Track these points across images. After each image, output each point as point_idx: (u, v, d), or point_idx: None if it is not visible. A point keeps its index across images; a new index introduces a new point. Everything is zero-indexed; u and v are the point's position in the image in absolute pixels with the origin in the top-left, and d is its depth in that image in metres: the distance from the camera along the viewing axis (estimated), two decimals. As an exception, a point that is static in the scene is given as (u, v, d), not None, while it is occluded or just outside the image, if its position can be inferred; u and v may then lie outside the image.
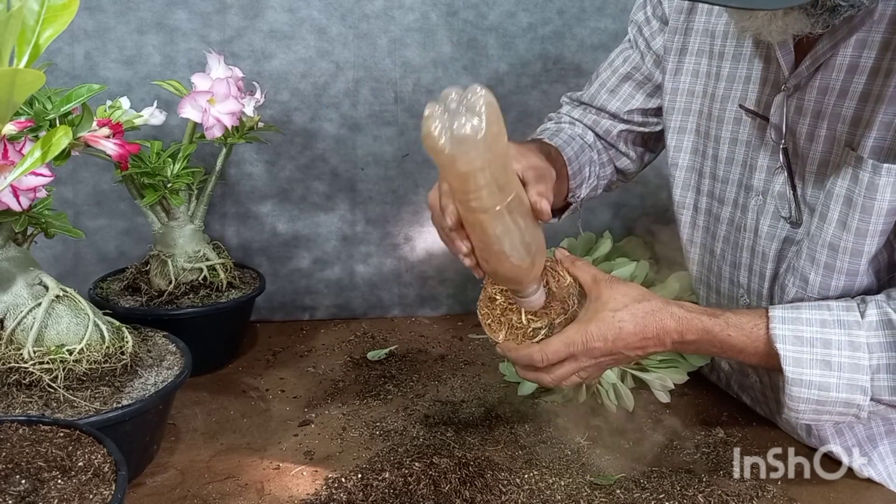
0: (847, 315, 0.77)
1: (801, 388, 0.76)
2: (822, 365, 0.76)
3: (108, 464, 0.66)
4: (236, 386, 1.11)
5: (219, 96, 1.04)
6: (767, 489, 0.86)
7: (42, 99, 0.85)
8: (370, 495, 0.81)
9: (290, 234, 1.36)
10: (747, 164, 0.90)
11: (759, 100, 0.88)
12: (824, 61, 0.79)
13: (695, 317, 0.80)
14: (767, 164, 0.87)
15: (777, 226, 0.87)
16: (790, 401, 0.78)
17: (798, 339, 0.77)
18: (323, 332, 1.32)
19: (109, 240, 1.29)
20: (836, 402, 0.76)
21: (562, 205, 1.03)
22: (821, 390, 0.76)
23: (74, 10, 0.53)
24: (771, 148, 0.86)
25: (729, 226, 0.94)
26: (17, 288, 0.85)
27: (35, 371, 0.81)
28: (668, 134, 1.00)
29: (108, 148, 0.85)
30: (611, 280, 0.82)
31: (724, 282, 0.96)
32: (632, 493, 0.84)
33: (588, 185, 1.04)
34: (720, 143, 0.93)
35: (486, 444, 0.94)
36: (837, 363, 0.76)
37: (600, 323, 0.79)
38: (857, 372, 0.75)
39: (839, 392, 0.76)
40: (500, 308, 0.83)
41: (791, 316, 0.78)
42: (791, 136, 0.83)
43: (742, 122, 0.90)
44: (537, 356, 0.80)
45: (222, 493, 0.84)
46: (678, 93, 0.98)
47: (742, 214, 0.91)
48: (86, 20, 1.20)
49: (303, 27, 1.27)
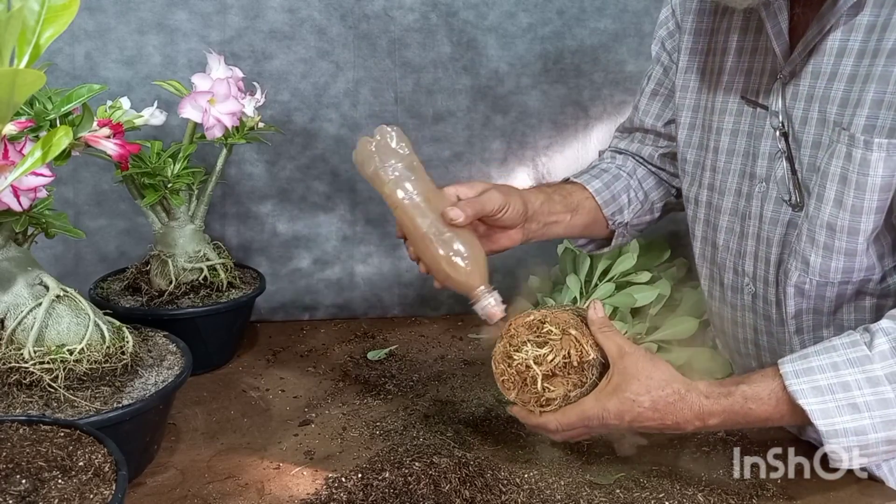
0: (854, 352, 0.76)
1: (838, 440, 0.74)
2: (850, 409, 0.74)
3: (108, 463, 0.66)
4: (236, 386, 1.11)
5: (219, 96, 1.04)
6: (767, 489, 0.86)
7: (42, 99, 0.86)
8: (370, 495, 0.81)
9: (290, 234, 1.36)
10: (749, 154, 0.91)
11: (758, 90, 0.90)
12: (815, 46, 0.82)
13: (714, 402, 0.79)
14: (769, 150, 0.89)
15: (780, 210, 0.88)
16: (833, 454, 0.76)
17: (816, 389, 0.75)
18: (323, 332, 1.32)
19: (110, 240, 1.29)
20: (877, 442, 0.74)
21: (606, 234, 1.08)
22: (858, 435, 0.74)
23: (75, 10, 0.53)
24: (771, 135, 0.88)
25: (732, 216, 0.95)
26: (17, 288, 0.85)
27: (35, 371, 0.81)
28: (678, 130, 1.02)
29: (108, 148, 0.85)
30: (637, 356, 0.81)
31: (728, 272, 0.97)
32: (631, 493, 0.84)
33: (631, 210, 1.07)
34: (721, 134, 0.95)
35: (485, 444, 0.94)
36: (864, 403, 0.74)
37: (619, 404, 0.80)
38: (887, 407, 0.74)
39: (877, 432, 0.74)
40: (516, 368, 0.83)
41: (802, 368, 0.77)
42: (788, 121, 0.86)
43: (743, 113, 0.92)
44: (552, 426, 0.82)
45: (222, 493, 0.84)
46: (686, 90, 1.00)
47: (746, 203, 0.92)
48: (86, 20, 1.20)
49: (303, 27, 1.27)
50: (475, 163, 1.37)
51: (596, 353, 0.82)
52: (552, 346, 0.82)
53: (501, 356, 0.84)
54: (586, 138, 1.41)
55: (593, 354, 0.82)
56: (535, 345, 0.83)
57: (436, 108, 1.34)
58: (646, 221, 1.11)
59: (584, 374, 0.82)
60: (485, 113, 1.35)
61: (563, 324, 0.83)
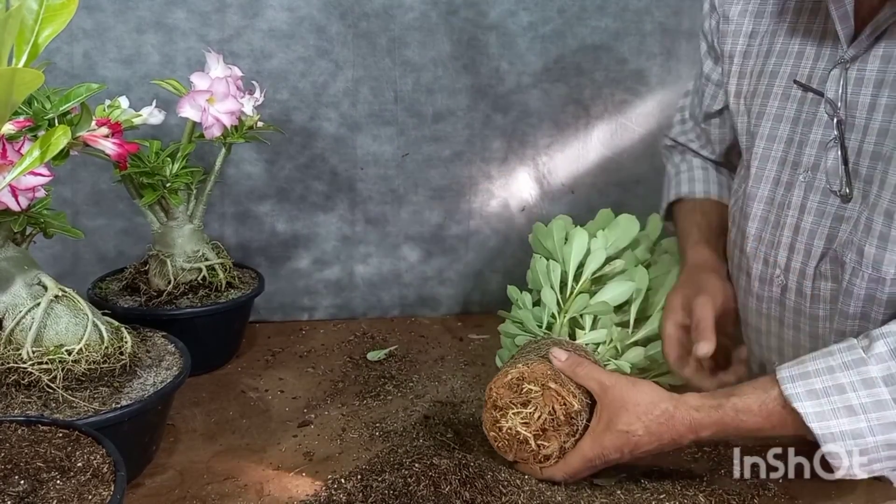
0: (850, 355, 0.75)
1: (835, 444, 0.74)
2: (846, 412, 0.73)
3: (107, 464, 0.66)
4: (235, 386, 1.11)
5: (218, 95, 1.04)
6: (768, 488, 0.86)
7: (41, 98, 0.85)
8: (370, 496, 0.80)
9: (289, 233, 1.35)
10: (794, 141, 0.89)
11: (811, 75, 0.87)
12: (887, 28, 0.79)
13: (704, 415, 0.79)
14: (820, 138, 0.86)
15: (827, 202, 0.85)
16: (832, 460, 0.75)
17: (811, 392, 0.75)
18: (322, 332, 1.32)
19: (108, 240, 1.29)
20: (877, 446, 0.73)
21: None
22: (856, 438, 0.73)
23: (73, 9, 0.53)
24: (825, 123, 0.85)
25: (768, 205, 0.93)
26: (15, 288, 0.84)
27: (34, 371, 0.81)
28: (733, 119, 1.01)
29: (106, 147, 0.85)
30: (619, 387, 0.82)
31: (758, 262, 0.94)
32: (632, 494, 0.84)
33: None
34: (763, 119, 0.93)
35: (486, 445, 0.94)
36: (860, 406, 0.73)
37: (615, 439, 0.82)
38: (883, 409, 0.73)
39: (874, 436, 0.73)
40: (506, 433, 0.86)
41: (798, 372, 0.76)
42: (847, 108, 0.82)
43: (790, 98, 0.90)
44: (559, 477, 0.85)
45: (221, 494, 0.84)
46: (733, 76, 0.98)
47: (785, 192, 0.90)
48: (84, 19, 1.20)
49: (302, 26, 1.27)
50: (476, 162, 1.37)
51: (580, 398, 0.85)
52: (535, 405, 0.85)
53: (490, 423, 0.88)
54: (587, 137, 1.41)
55: (577, 404, 0.84)
56: (520, 404, 0.85)
57: (436, 107, 1.33)
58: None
59: (573, 424, 0.85)
60: (485, 112, 1.35)
61: (542, 378, 0.85)
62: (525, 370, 0.86)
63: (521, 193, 1.41)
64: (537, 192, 1.42)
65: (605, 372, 0.85)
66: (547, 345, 0.93)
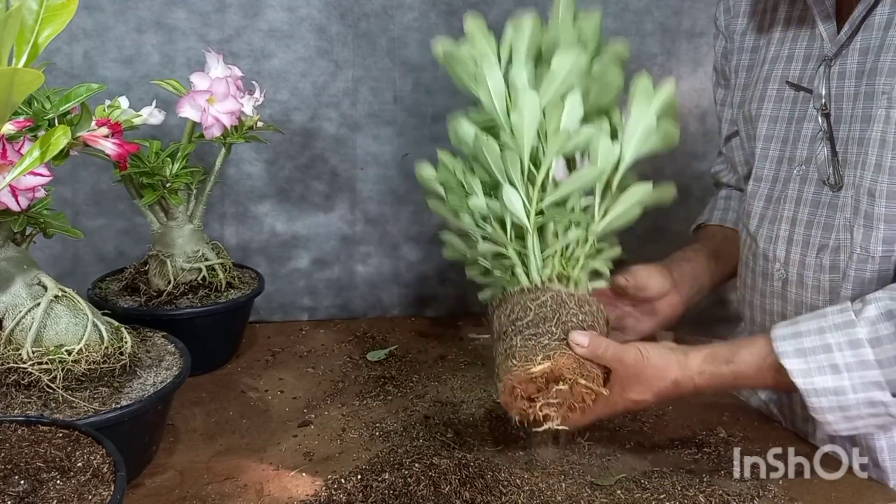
0: (841, 317, 0.79)
1: (818, 399, 0.78)
2: (830, 370, 0.77)
3: (107, 464, 0.66)
4: (235, 386, 1.11)
5: (218, 95, 1.04)
6: (768, 489, 0.86)
7: (41, 98, 0.85)
8: (370, 496, 0.80)
9: (289, 233, 1.35)
10: (789, 139, 0.93)
11: (801, 75, 0.92)
12: (863, 23, 0.83)
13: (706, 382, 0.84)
14: (811, 133, 0.90)
15: (821, 192, 0.89)
16: (816, 415, 0.79)
17: (800, 350, 0.79)
18: (322, 332, 1.32)
19: (108, 240, 1.29)
20: (858, 403, 0.77)
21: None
22: (837, 395, 0.77)
23: (73, 9, 0.53)
24: (814, 118, 0.90)
25: (766, 202, 0.96)
26: (15, 288, 0.84)
27: (34, 371, 0.81)
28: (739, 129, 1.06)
29: (106, 147, 0.85)
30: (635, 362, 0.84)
31: (759, 259, 0.98)
32: (632, 494, 0.84)
33: None
34: (759, 121, 0.97)
35: (486, 445, 0.94)
36: (844, 364, 0.77)
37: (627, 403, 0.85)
38: (866, 368, 0.76)
39: (856, 393, 0.76)
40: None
41: (791, 332, 0.80)
42: (834, 101, 0.87)
43: (784, 99, 0.94)
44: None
45: (221, 494, 0.84)
46: (738, 88, 1.04)
47: (783, 188, 0.94)
48: (85, 19, 1.20)
49: (302, 26, 1.27)
50: (475, 162, 1.37)
51: (601, 377, 0.84)
52: (563, 397, 0.81)
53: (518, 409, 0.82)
54: (586, 138, 1.41)
55: (603, 389, 0.83)
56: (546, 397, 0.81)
57: (436, 108, 1.33)
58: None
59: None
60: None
61: (569, 373, 0.80)
62: (550, 367, 0.80)
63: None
64: (537, 192, 1.42)
65: (622, 349, 0.84)
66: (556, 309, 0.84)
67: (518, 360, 0.81)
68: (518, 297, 0.86)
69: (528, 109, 0.85)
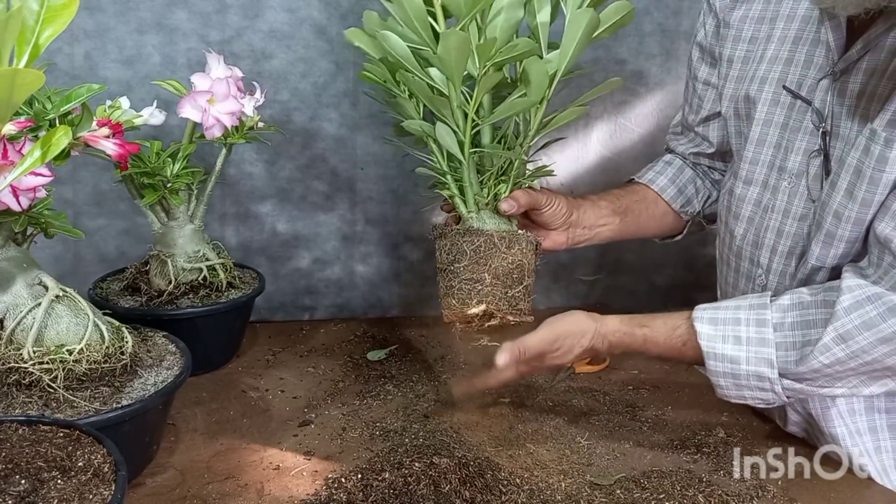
0: (758, 300, 0.86)
1: (715, 362, 0.85)
2: (733, 340, 0.84)
3: (107, 464, 0.66)
4: (236, 386, 1.11)
5: (218, 96, 1.04)
6: (768, 489, 0.86)
7: (42, 99, 0.85)
8: (370, 495, 0.81)
9: (289, 233, 1.36)
10: (781, 147, 0.92)
11: (800, 82, 0.89)
12: (877, 42, 0.80)
13: (617, 340, 0.92)
14: (805, 146, 0.89)
15: (810, 208, 0.88)
16: (711, 376, 0.86)
17: (713, 319, 0.86)
18: (323, 332, 1.32)
19: (109, 240, 1.29)
20: (748, 375, 0.84)
21: (681, 225, 1.14)
22: (732, 363, 0.84)
23: (74, 10, 0.53)
24: (810, 132, 0.88)
25: (755, 206, 0.96)
26: (16, 288, 0.84)
27: (35, 371, 0.81)
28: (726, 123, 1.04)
29: (107, 148, 0.85)
30: (557, 335, 0.93)
31: (744, 261, 0.98)
32: (632, 493, 0.84)
33: (700, 199, 1.13)
34: (752, 123, 0.95)
35: (486, 445, 0.94)
36: (746, 338, 0.84)
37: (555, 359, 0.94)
38: (764, 346, 0.83)
39: (748, 365, 0.83)
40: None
41: (712, 305, 0.88)
42: (833, 119, 0.85)
43: (779, 104, 0.92)
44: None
45: (222, 494, 0.84)
46: (730, 80, 1.00)
47: (771, 195, 0.93)
48: (86, 20, 1.20)
49: (302, 27, 1.27)
50: (475, 162, 1.37)
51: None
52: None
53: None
54: (586, 137, 1.41)
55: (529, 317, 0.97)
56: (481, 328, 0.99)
57: (436, 108, 1.33)
58: (715, 211, 1.12)
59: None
60: (485, 113, 1.35)
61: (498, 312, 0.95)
62: (483, 310, 0.95)
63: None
64: (537, 192, 1.42)
65: (539, 341, 0.93)
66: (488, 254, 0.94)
67: (456, 301, 0.95)
68: (455, 238, 0.96)
69: (454, 48, 0.87)
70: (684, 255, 1.47)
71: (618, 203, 1.08)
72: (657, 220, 1.11)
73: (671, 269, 1.50)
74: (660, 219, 1.11)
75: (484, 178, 0.98)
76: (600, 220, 1.06)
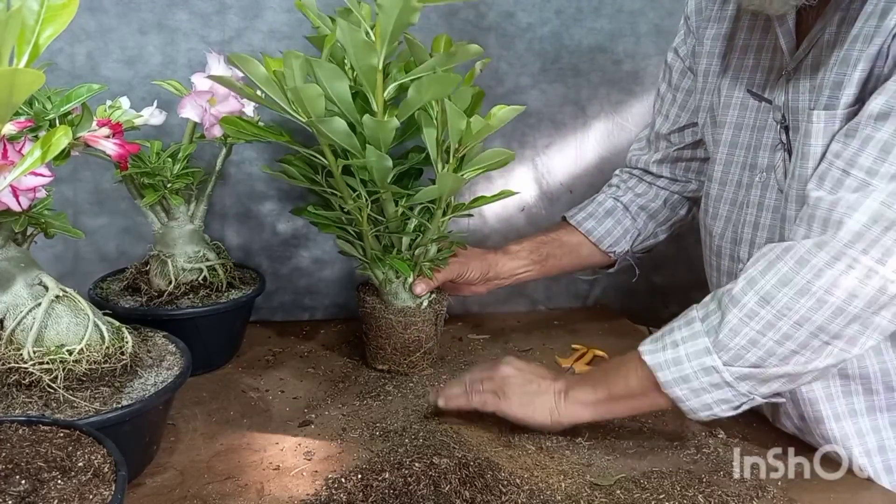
0: (686, 311, 0.89)
1: (664, 373, 0.85)
2: (671, 346, 0.86)
3: (107, 464, 0.66)
4: (236, 386, 1.11)
5: (219, 96, 1.04)
6: (767, 489, 0.86)
7: (42, 99, 0.85)
8: (370, 496, 0.81)
9: (290, 233, 1.36)
10: (751, 147, 0.97)
11: (763, 85, 0.96)
12: (818, 41, 0.86)
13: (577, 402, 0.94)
14: (770, 142, 0.94)
15: (781, 198, 0.92)
16: (667, 390, 0.86)
17: (653, 339, 0.89)
18: (323, 332, 1.32)
19: (109, 240, 1.29)
20: (696, 372, 0.84)
21: (609, 261, 1.23)
22: (677, 365, 0.85)
23: (74, 9, 0.53)
24: (774, 128, 0.93)
25: (731, 206, 1.01)
26: (16, 288, 0.84)
27: (35, 371, 0.81)
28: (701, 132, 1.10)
29: (107, 148, 0.85)
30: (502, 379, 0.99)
31: (724, 259, 1.02)
32: (632, 494, 0.84)
33: (629, 240, 1.20)
34: (725, 127, 1.01)
35: (486, 445, 0.94)
36: (681, 338, 0.86)
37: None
38: (697, 338, 0.84)
39: (690, 361, 0.84)
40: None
41: (658, 335, 0.89)
42: (791, 113, 0.90)
43: (748, 108, 0.98)
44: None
45: (222, 494, 0.84)
46: (703, 91, 1.06)
47: (746, 193, 0.98)
48: (87, 20, 1.20)
49: (302, 27, 1.27)
50: (475, 163, 1.37)
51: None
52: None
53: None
54: (584, 137, 1.41)
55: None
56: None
57: (436, 108, 1.33)
58: (650, 245, 1.22)
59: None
60: (484, 112, 1.35)
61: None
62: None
63: (520, 193, 1.41)
64: (536, 192, 1.42)
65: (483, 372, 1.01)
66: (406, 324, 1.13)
67: (369, 357, 1.18)
68: (365, 312, 1.16)
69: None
70: (684, 255, 1.47)
71: (538, 252, 1.18)
72: (583, 259, 1.21)
73: (671, 269, 1.50)
74: (586, 258, 1.21)
75: (389, 257, 1.10)
76: (518, 270, 1.17)
